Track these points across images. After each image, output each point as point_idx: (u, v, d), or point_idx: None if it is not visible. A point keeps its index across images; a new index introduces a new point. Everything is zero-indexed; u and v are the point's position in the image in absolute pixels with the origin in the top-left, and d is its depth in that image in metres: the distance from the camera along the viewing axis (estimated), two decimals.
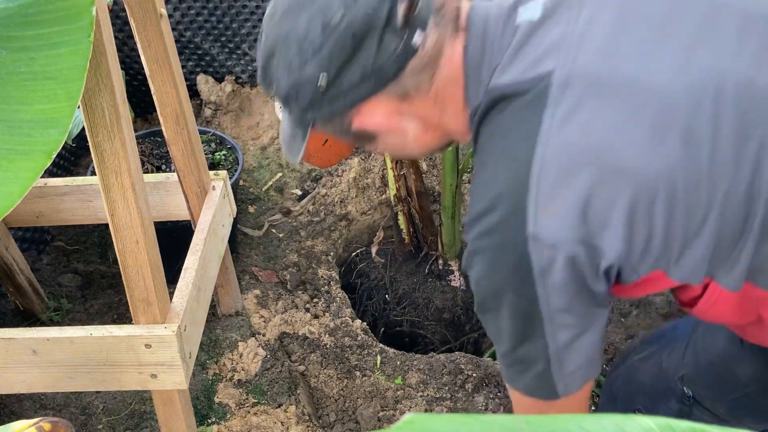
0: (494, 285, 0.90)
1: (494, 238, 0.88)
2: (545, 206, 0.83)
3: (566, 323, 0.89)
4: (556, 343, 0.90)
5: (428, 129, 0.98)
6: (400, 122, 0.95)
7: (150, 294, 1.27)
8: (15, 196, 0.77)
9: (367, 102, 0.91)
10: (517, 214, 0.84)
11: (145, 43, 1.38)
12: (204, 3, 2.38)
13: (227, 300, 1.89)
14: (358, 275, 2.27)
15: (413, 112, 0.94)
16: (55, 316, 1.93)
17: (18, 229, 2.03)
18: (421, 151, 1.05)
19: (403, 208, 2.12)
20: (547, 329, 0.89)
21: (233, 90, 2.54)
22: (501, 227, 0.86)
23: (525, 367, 0.95)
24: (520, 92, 0.86)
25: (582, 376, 0.94)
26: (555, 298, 0.87)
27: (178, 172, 1.58)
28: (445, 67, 0.91)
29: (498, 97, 0.89)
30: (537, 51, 0.87)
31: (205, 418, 1.66)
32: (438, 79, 0.91)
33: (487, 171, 0.90)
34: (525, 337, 0.92)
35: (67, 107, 0.82)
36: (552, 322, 0.88)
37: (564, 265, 0.84)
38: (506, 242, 0.86)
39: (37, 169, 0.78)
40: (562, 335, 0.90)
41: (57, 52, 0.83)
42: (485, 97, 0.90)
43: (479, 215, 0.89)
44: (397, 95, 0.91)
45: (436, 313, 2.13)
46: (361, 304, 2.23)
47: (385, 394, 1.78)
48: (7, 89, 0.82)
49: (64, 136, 0.81)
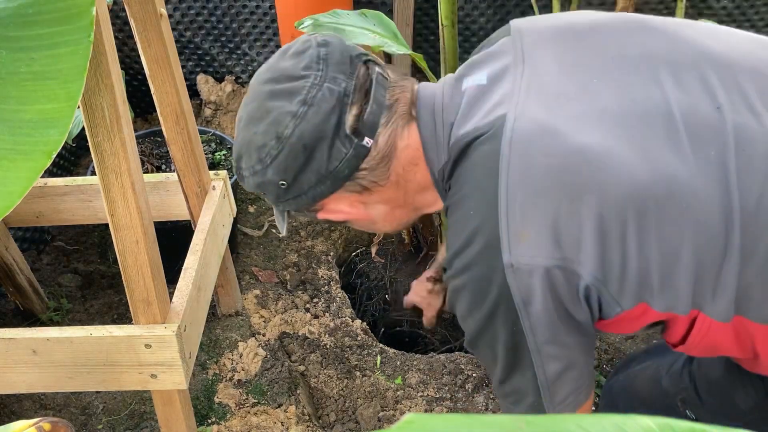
0: (479, 319, 0.92)
1: (473, 271, 0.89)
2: (517, 233, 0.84)
3: (553, 354, 0.90)
4: (545, 375, 0.91)
5: (395, 209, 1.03)
6: (364, 210, 1.01)
7: (150, 294, 1.27)
8: (15, 196, 0.77)
9: (329, 198, 0.97)
10: (492, 245, 0.86)
11: (145, 43, 1.38)
12: (204, 3, 2.38)
13: (227, 300, 1.89)
14: (358, 275, 2.27)
15: (376, 200, 0.99)
16: (55, 316, 1.93)
17: (18, 229, 2.03)
18: (393, 227, 1.10)
19: None
20: (536, 361, 0.90)
21: (233, 90, 2.54)
22: (478, 260, 0.88)
23: (518, 398, 0.96)
24: (480, 134, 0.90)
25: (573, 403, 0.95)
26: (539, 329, 0.88)
27: (178, 172, 1.58)
28: (401, 154, 0.96)
29: (463, 146, 0.93)
30: (489, 104, 0.92)
31: (205, 418, 1.66)
32: (396, 167, 0.96)
33: (461, 210, 0.92)
34: (515, 369, 0.93)
35: (67, 107, 0.82)
36: (539, 354, 0.90)
37: (543, 291, 0.85)
38: (485, 274, 0.88)
39: (37, 169, 0.78)
40: (551, 367, 0.91)
41: (57, 52, 0.83)
42: (451, 152, 0.95)
43: (457, 253, 0.91)
44: (356, 191, 0.96)
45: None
46: (361, 304, 2.23)
47: (385, 394, 1.78)
48: (7, 89, 0.82)
49: (64, 136, 0.81)
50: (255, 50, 2.47)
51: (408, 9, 2.19)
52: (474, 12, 2.37)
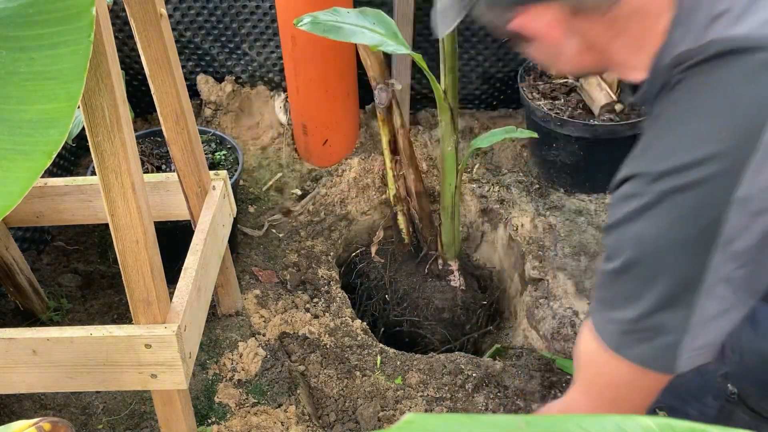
0: (665, 244, 0.83)
1: (692, 194, 0.82)
2: (763, 173, 0.78)
3: (721, 295, 0.84)
4: (701, 315, 0.84)
5: (589, 51, 0.93)
6: (562, 35, 0.91)
7: (150, 294, 1.27)
8: (15, 196, 0.77)
9: (539, 4, 0.88)
10: (730, 175, 0.79)
11: (145, 43, 1.38)
12: (204, 3, 2.38)
13: (227, 300, 1.89)
14: (358, 275, 2.27)
15: (580, 30, 0.90)
16: (55, 316, 1.93)
17: (18, 229, 2.03)
18: (571, 69, 1.00)
19: (403, 207, 2.12)
20: (701, 299, 0.83)
21: (233, 90, 2.54)
22: (705, 185, 0.81)
23: (652, 335, 0.87)
24: (755, 48, 0.80)
25: (705, 355, 0.88)
26: (726, 267, 0.82)
27: (178, 172, 1.58)
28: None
29: (725, 50, 0.81)
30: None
31: (205, 418, 1.66)
32: (624, 6, 0.86)
33: (702, 125, 0.83)
34: (670, 305, 0.85)
35: (67, 107, 0.81)
36: (709, 292, 0.83)
37: (759, 235, 0.80)
38: (706, 202, 0.81)
39: (38, 169, 0.78)
40: (712, 307, 0.84)
41: (57, 52, 0.83)
42: (703, 47, 0.84)
43: (680, 168, 0.82)
44: (571, 6, 0.87)
45: (436, 313, 2.13)
46: (361, 304, 2.23)
47: (385, 394, 1.78)
48: (7, 89, 0.82)
49: (64, 136, 0.81)
50: (255, 50, 2.47)
51: (408, 8, 2.19)
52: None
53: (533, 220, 2.20)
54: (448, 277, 2.14)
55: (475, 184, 2.34)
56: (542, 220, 2.19)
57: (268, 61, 2.49)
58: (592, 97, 2.13)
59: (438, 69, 1.80)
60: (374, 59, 1.91)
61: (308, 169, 2.45)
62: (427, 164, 2.42)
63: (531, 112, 2.18)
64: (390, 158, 2.04)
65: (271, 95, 2.55)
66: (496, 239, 2.30)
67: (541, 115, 2.13)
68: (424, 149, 2.46)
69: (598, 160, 2.17)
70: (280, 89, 2.54)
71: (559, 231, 2.16)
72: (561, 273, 2.04)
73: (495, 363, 1.87)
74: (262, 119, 2.55)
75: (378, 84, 1.94)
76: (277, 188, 2.41)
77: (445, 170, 1.93)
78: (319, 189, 2.37)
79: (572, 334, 1.90)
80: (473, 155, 2.43)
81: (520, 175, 2.38)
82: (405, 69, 2.32)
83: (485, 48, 2.45)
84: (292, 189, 2.40)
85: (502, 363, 1.88)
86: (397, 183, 2.07)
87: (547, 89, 2.23)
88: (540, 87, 2.24)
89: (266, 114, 2.55)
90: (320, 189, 2.36)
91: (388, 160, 2.04)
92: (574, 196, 2.28)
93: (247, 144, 2.52)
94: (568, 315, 1.94)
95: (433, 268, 2.15)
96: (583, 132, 2.08)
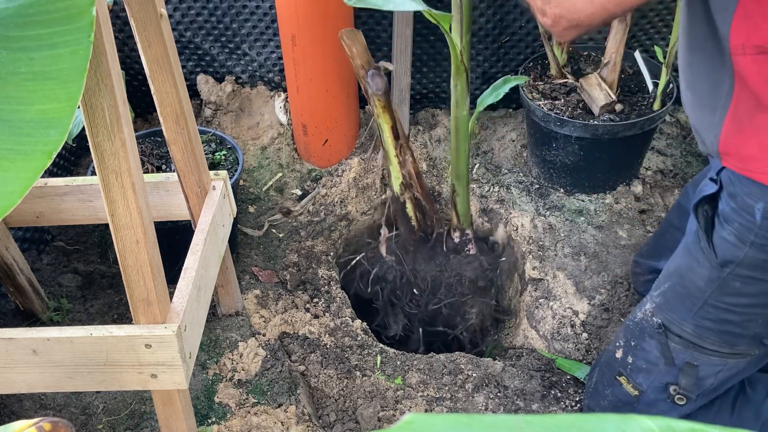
0: None
1: None
2: None
3: None
4: None
5: None
6: None
7: (150, 294, 1.27)
8: (15, 196, 0.77)
9: None
10: None
11: (145, 43, 1.38)
12: (204, 3, 2.38)
13: (227, 300, 1.89)
14: (374, 283, 2.18)
15: None
16: (55, 316, 1.93)
17: (18, 229, 2.03)
18: None
19: (411, 194, 2.07)
20: None
21: (233, 90, 2.54)
22: None
23: None
24: None
25: None
26: None
27: (178, 172, 1.58)
28: None
29: None
30: None
31: (205, 418, 1.66)
32: None
33: None
34: None
35: (67, 107, 0.82)
36: None
37: None
38: None
39: (38, 169, 0.78)
40: None
41: (57, 52, 0.83)
42: None
43: None
44: None
45: (471, 285, 2.09)
46: (389, 314, 2.16)
47: (385, 394, 1.78)
48: (7, 89, 0.82)
49: (64, 136, 0.81)
50: (255, 50, 2.47)
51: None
52: (473, 12, 2.37)
53: (533, 220, 2.20)
54: (466, 247, 2.10)
55: (475, 184, 2.34)
56: (542, 220, 2.19)
57: (268, 61, 2.49)
58: (592, 97, 2.13)
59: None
60: (359, 46, 1.84)
61: (308, 169, 2.45)
62: (427, 164, 2.42)
63: (531, 112, 2.18)
64: (394, 144, 1.96)
65: (271, 95, 2.55)
66: (497, 237, 2.30)
67: (541, 115, 2.13)
68: (424, 149, 2.46)
69: (598, 160, 2.17)
70: (280, 89, 2.54)
71: (559, 231, 2.16)
72: (561, 273, 2.04)
73: (495, 363, 1.87)
74: (262, 119, 2.55)
75: (368, 70, 1.85)
76: (277, 188, 2.41)
77: (459, 137, 1.88)
78: (319, 189, 2.37)
79: (572, 334, 1.90)
80: (473, 155, 2.43)
81: (520, 175, 2.38)
82: (405, 70, 2.32)
83: (485, 48, 2.45)
84: (292, 189, 2.41)
85: (502, 363, 1.88)
86: (403, 170, 2.02)
87: (547, 89, 2.23)
88: (540, 87, 2.24)
89: (266, 114, 2.55)
90: (320, 189, 2.37)
91: (392, 147, 1.96)
92: (574, 196, 2.28)
93: (247, 144, 2.52)
94: (568, 315, 1.94)
95: (449, 244, 2.11)
96: (583, 132, 2.08)
